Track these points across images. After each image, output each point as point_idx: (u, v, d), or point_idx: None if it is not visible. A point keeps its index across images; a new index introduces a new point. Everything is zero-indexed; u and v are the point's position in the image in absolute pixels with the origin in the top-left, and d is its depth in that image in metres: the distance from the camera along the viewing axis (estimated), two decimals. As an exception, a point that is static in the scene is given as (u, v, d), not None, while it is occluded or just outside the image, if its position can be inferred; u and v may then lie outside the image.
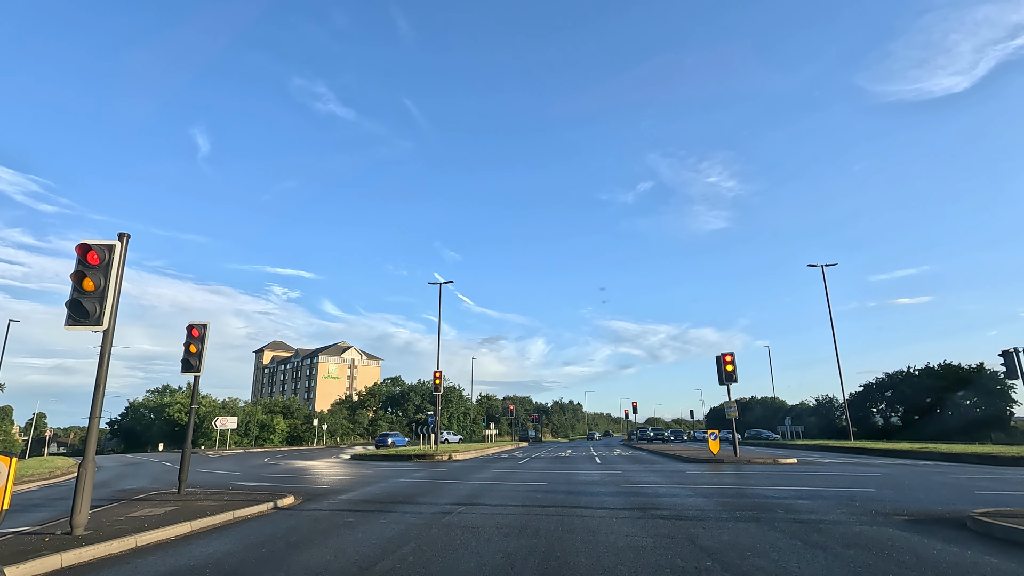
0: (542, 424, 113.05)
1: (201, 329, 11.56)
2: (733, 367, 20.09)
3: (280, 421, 75.93)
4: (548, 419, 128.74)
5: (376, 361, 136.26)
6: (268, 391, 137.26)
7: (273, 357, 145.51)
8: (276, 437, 72.44)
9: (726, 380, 20.10)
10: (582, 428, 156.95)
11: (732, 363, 20.10)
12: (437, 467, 19.59)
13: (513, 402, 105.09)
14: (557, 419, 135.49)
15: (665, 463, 19.84)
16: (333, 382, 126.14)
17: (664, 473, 15.16)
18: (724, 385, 20.45)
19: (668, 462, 20.42)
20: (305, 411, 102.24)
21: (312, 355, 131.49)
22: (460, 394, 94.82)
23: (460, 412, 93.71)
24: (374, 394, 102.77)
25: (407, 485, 12.78)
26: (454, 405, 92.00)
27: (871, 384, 65.98)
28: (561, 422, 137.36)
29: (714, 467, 17.20)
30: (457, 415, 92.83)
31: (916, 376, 60.76)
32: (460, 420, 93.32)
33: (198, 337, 11.49)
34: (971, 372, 55.67)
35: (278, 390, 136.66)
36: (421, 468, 19.09)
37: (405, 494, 10.83)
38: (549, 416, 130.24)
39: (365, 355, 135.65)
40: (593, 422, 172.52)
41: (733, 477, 13.58)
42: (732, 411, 20.06)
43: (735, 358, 20.14)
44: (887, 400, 66.20)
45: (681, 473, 14.95)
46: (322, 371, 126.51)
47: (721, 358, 20.31)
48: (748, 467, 17.02)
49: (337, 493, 11.09)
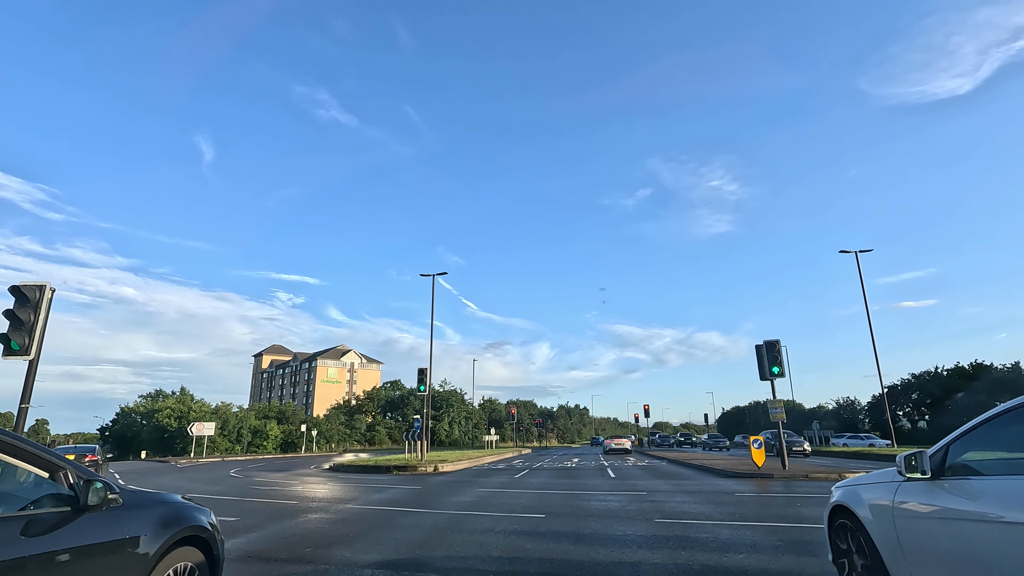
0: (547, 429, 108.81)
1: (34, 293, 7.89)
2: (780, 357, 16.24)
3: (274, 427, 72.40)
4: (553, 424, 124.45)
5: (377, 365, 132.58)
6: (267, 396, 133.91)
7: (272, 361, 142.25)
8: (270, 444, 68.93)
9: (770, 374, 16.23)
10: (588, 433, 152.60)
11: (778, 352, 16.26)
12: (414, 483, 15.82)
13: (517, 406, 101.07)
14: (563, 424, 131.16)
15: (698, 478, 15.90)
16: (332, 386, 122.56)
17: (705, 495, 11.31)
18: (768, 380, 16.59)
19: (701, 476, 16.44)
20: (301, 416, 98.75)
21: (310, 359, 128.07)
22: (461, 398, 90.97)
23: (461, 416, 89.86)
24: (373, 398, 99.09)
25: (350, 516, 9.02)
26: (455, 409, 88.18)
27: (895, 385, 62.67)
28: (567, 427, 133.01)
29: (766, 485, 13.35)
30: (458, 420, 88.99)
31: (944, 376, 56.84)
32: (462, 425, 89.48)
33: (29, 303, 7.83)
34: (1006, 372, 51.80)
35: (276, 395, 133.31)
36: (394, 484, 15.31)
37: (326, 537, 7.08)
38: (554, 421, 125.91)
39: (365, 358, 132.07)
40: (600, 427, 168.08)
41: (812, 505, 9.74)
42: (779, 412, 16.17)
43: (781, 348, 16.29)
44: (913, 402, 62.35)
45: (730, 496, 11.11)
46: (320, 375, 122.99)
47: (765, 347, 16.47)
48: (812, 485, 13.15)
49: (232, 534, 7.35)
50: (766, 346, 16.42)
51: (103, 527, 2.75)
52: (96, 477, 2.85)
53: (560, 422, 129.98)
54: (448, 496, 12.06)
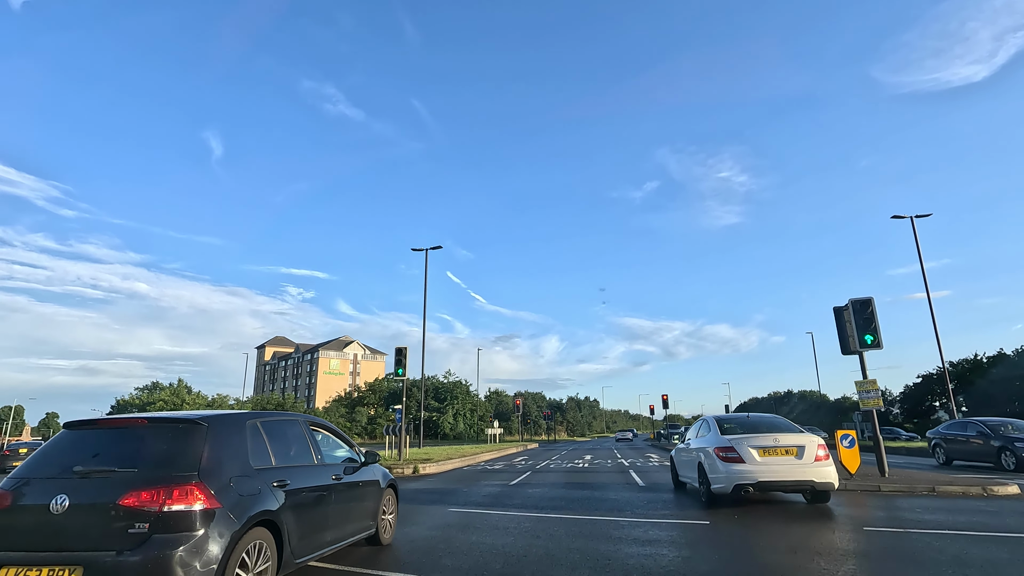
0: (556, 422, 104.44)
1: None
2: (875, 321, 11.64)
3: (269, 420, 69.13)
4: (563, 416, 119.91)
5: (381, 356, 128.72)
6: (270, 388, 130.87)
7: (274, 353, 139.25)
8: (263, 437, 65.58)
9: (861, 345, 11.65)
10: (599, 426, 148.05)
11: (872, 315, 11.65)
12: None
13: (525, 398, 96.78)
14: (572, 416, 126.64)
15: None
16: (335, 378, 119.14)
17: (811, 530, 6.86)
18: (855, 353, 12.03)
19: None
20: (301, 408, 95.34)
21: (313, 350, 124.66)
22: (467, 389, 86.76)
23: (467, 409, 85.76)
24: (375, 390, 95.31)
25: None
26: (460, 401, 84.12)
27: (931, 375, 58.76)
28: (577, 419, 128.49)
29: (894, 508, 8.90)
30: (463, 412, 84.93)
31: (984, 365, 52.35)
32: (467, 418, 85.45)
33: None
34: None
35: (279, 387, 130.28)
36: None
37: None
38: (564, 413, 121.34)
39: (369, 350, 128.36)
40: (611, 419, 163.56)
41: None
42: (873, 396, 11.59)
43: (875, 309, 11.68)
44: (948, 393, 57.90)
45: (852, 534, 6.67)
46: (323, 367, 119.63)
47: (853, 309, 11.86)
48: (965, 504, 8.69)
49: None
50: (854, 307, 11.79)
51: (367, 473, 5.94)
52: (364, 451, 6.16)
53: (569, 415, 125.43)
54: (417, 517, 7.83)
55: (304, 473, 4.67)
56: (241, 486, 3.82)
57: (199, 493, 3.46)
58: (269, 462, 4.31)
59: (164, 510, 3.32)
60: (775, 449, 8.17)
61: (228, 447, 3.98)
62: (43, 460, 3.79)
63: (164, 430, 3.95)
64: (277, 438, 4.64)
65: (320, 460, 5.12)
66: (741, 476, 8.01)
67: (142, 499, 3.33)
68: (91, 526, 3.32)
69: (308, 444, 5.07)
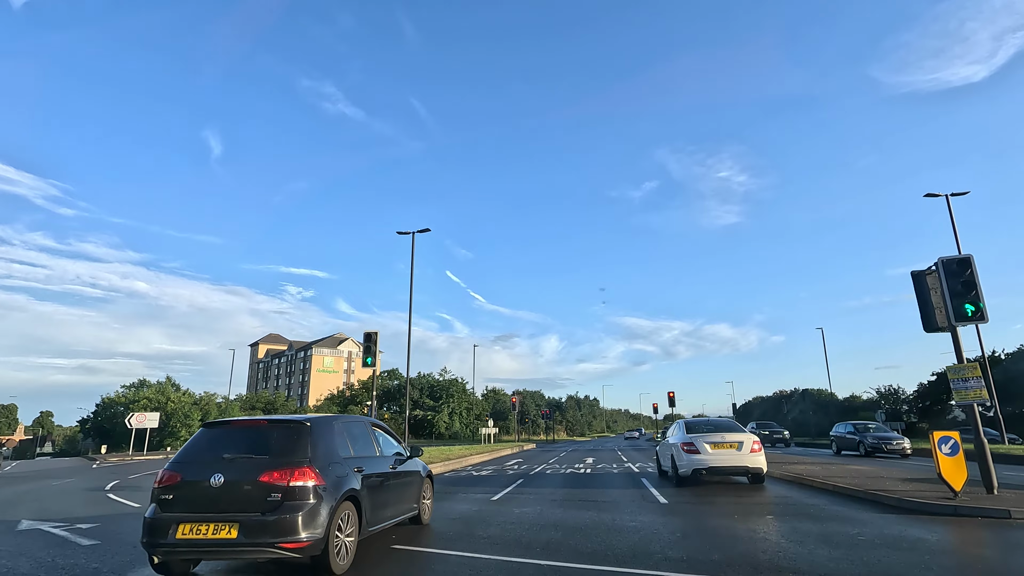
0: (555, 421, 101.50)
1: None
2: (975, 287, 8.78)
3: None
4: (562, 415, 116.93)
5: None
6: (263, 386, 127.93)
7: (268, 351, 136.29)
8: (252, 436, 63.58)
9: (955, 317, 8.79)
10: (599, 425, 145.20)
11: (972, 276, 8.79)
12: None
13: (523, 397, 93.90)
14: (572, 415, 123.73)
15: (848, 522, 7.81)
16: (328, 376, 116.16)
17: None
18: (944, 330, 9.17)
19: (850, 518, 7.83)
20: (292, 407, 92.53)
21: (306, 348, 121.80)
22: (463, 387, 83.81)
23: (463, 407, 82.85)
24: (368, 388, 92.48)
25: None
26: (455, 400, 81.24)
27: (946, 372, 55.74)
28: (576, 419, 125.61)
29: None
30: (459, 411, 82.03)
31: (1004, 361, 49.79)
32: (463, 417, 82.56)
33: None
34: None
35: (272, 385, 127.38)
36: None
37: None
38: (563, 412, 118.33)
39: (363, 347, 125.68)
40: (612, 419, 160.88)
41: None
42: (973, 386, 8.73)
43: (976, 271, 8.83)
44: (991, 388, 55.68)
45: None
46: (316, 364, 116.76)
47: (945, 271, 8.99)
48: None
49: None
50: (947, 269, 8.88)
51: (412, 465, 7.30)
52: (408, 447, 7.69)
53: (569, 414, 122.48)
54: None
55: (372, 462, 6.14)
56: (336, 470, 5.24)
57: (311, 473, 4.85)
58: (349, 453, 5.74)
59: (290, 485, 4.69)
60: (722, 444, 11.04)
61: (326, 441, 5.39)
62: (194, 449, 5.20)
63: (281, 428, 5.34)
64: (352, 435, 6.09)
65: (380, 452, 6.58)
66: (698, 463, 10.94)
67: (274, 477, 4.72)
68: (240, 495, 4.69)
69: (371, 439, 6.56)
